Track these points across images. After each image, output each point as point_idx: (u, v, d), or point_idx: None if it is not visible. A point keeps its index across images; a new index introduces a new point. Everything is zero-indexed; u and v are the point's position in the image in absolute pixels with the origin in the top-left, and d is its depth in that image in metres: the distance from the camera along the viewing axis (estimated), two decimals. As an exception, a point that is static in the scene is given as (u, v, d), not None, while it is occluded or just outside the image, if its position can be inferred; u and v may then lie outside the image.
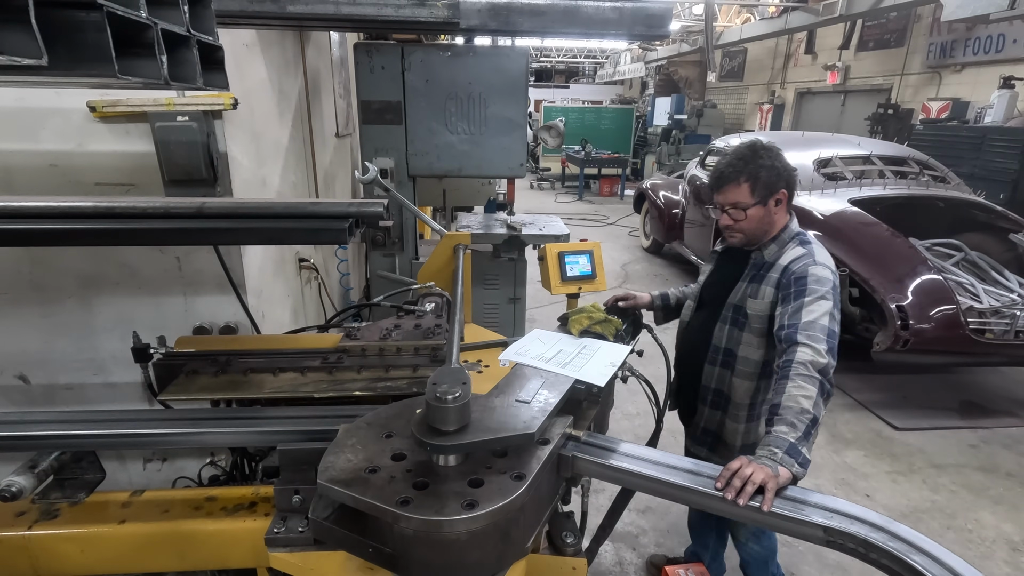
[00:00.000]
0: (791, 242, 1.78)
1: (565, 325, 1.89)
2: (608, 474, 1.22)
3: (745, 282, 1.83)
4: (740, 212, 1.77)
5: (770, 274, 1.76)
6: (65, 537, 1.25)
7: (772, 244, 1.80)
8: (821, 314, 1.57)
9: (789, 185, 1.77)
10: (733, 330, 1.86)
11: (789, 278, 1.68)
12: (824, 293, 1.61)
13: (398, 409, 1.23)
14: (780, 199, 1.76)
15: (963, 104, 9.15)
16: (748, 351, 1.84)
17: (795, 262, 1.71)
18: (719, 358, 1.91)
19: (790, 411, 1.43)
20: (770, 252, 1.79)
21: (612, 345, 1.75)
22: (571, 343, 1.74)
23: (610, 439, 1.27)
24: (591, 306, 1.96)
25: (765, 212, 1.76)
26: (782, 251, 1.77)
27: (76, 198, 1.42)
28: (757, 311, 1.78)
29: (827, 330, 1.55)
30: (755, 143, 1.79)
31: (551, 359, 1.57)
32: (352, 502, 0.98)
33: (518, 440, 1.11)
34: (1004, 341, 3.67)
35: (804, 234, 1.81)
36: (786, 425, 1.40)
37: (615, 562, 2.68)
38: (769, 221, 1.79)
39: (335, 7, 2.37)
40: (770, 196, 1.75)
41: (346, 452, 1.08)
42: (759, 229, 1.80)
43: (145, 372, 1.66)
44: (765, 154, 1.75)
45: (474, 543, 0.99)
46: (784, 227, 1.81)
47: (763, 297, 1.77)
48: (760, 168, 1.74)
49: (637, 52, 18.90)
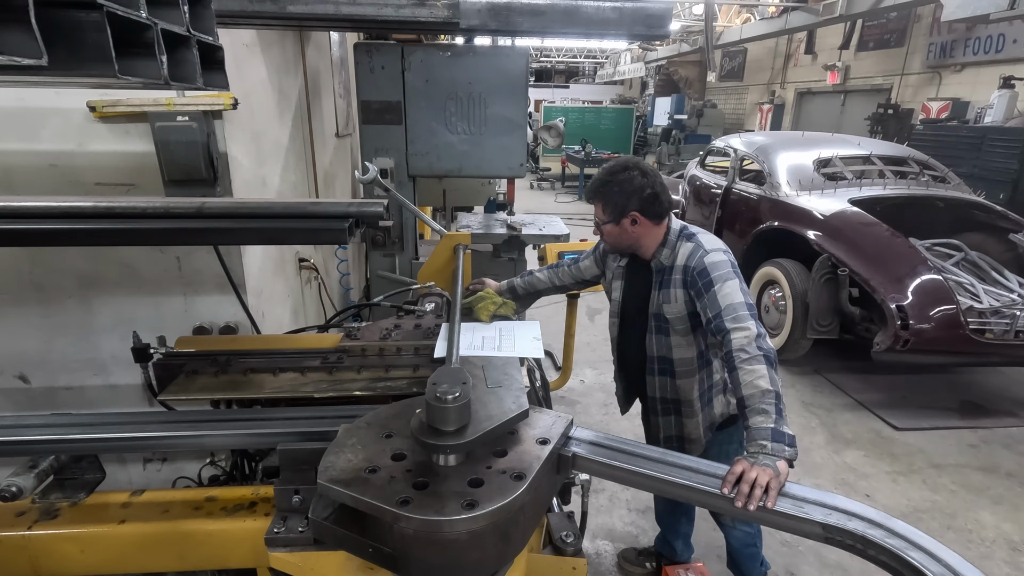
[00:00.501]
0: (679, 241, 1.85)
1: (471, 314, 1.98)
2: (610, 473, 1.23)
3: (656, 290, 1.89)
4: (601, 226, 1.89)
5: (674, 276, 1.83)
6: (65, 537, 1.25)
7: (663, 248, 1.86)
8: (732, 292, 1.67)
9: (645, 207, 1.80)
10: (661, 337, 1.91)
11: (692, 275, 1.76)
12: (725, 274, 1.70)
13: (398, 409, 1.23)
14: (635, 219, 1.81)
15: (963, 104, 9.16)
16: (681, 352, 1.90)
17: (690, 258, 1.78)
18: (656, 367, 1.96)
19: (754, 398, 1.50)
20: (665, 256, 1.86)
21: (522, 323, 1.90)
22: (488, 328, 1.85)
23: (611, 437, 1.28)
24: (485, 292, 2.08)
25: (620, 230, 1.84)
26: (675, 252, 1.84)
27: (76, 198, 1.42)
28: (675, 313, 1.85)
29: (744, 304, 1.64)
30: (626, 162, 1.85)
31: (483, 346, 1.67)
32: (352, 502, 0.98)
33: (517, 420, 1.14)
34: (1004, 341, 3.66)
35: (687, 228, 1.88)
36: (759, 414, 1.47)
37: (615, 562, 2.68)
38: (629, 237, 1.85)
39: (335, 7, 2.37)
40: (622, 216, 1.81)
41: (346, 452, 1.08)
42: (621, 242, 1.89)
43: (145, 372, 1.66)
44: (624, 176, 1.80)
45: (474, 543, 0.98)
46: (667, 231, 1.86)
47: (676, 300, 1.83)
48: (612, 190, 1.81)
49: (637, 52, 18.91)
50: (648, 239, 1.87)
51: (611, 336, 2.16)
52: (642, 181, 1.80)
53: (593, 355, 4.74)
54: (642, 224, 1.83)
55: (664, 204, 1.83)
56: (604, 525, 2.89)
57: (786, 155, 5.19)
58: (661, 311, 1.87)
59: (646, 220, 1.82)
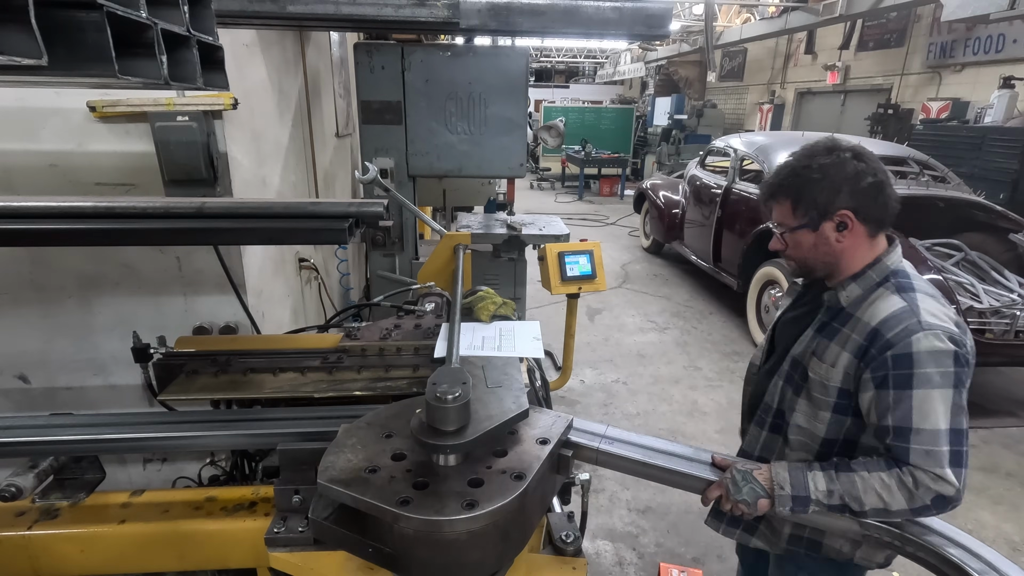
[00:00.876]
0: (882, 286, 1.28)
1: (472, 314, 1.94)
2: (613, 462, 1.26)
3: (813, 330, 1.37)
4: (786, 235, 1.37)
5: (846, 331, 1.28)
6: (65, 537, 1.25)
7: (852, 283, 1.31)
8: (937, 411, 1.15)
9: (863, 205, 1.27)
10: (787, 389, 1.41)
11: (884, 356, 1.19)
12: (939, 380, 1.15)
13: (398, 409, 1.23)
14: (845, 222, 1.28)
15: (963, 104, 9.15)
16: (803, 420, 1.38)
17: (888, 324, 1.21)
18: (768, 419, 1.47)
19: (851, 484, 1.19)
20: (849, 295, 1.31)
21: (522, 323, 1.87)
22: (488, 328, 1.83)
23: (610, 428, 1.32)
24: (485, 291, 2.04)
25: (817, 239, 1.31)
26: (868, 299, 1.28)
27: (76, 198, 1.42)
28: (822, 377, 1.31)
29: (947, 435, 1.15)
30: (828, 142, 1.33)
31: (483, 346, 1.66)
32: (352, 502, 0.98)
33: (517, 420, 1.14)
34: (1004, 341, 3.67)
35: (902, 273, 1.29)
36: (827, 487, 1.20)
37: (615, 562, 2.68)
38: (828, 251, 1.31)
39: (335, 7, 2.37)
40: (823, 218, 1.29)
41: (346, 452, 1.08)
42: (814, 259, 1.35)
43: (145, 372, 1.66)
44: (829, 161, 1.28)
45: (474, 543, 0.99)
46: (875, 260, 1.31)
47: (834, 362, 1.28)
48: (810, 180, 1.28)
49: (637, 52, 18.89)
50: (852, 259, 1.31)
51: (751, 364, 1.66)
52: (858, 166, 1.26)
53: (593, 355, 4.75)
54: (854, 232, 1.28)
55: (889, 209, 1.29)
56: (604, 525, 2.90)
57: (786, 155, 5.18)
58: (805, 361, 1.36)
59: (861, 226, 1.28)
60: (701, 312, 5.99)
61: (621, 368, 4.57)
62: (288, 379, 1.58)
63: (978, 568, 1.06)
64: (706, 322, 5.71)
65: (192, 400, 1.51)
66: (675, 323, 5.67)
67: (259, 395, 1.52)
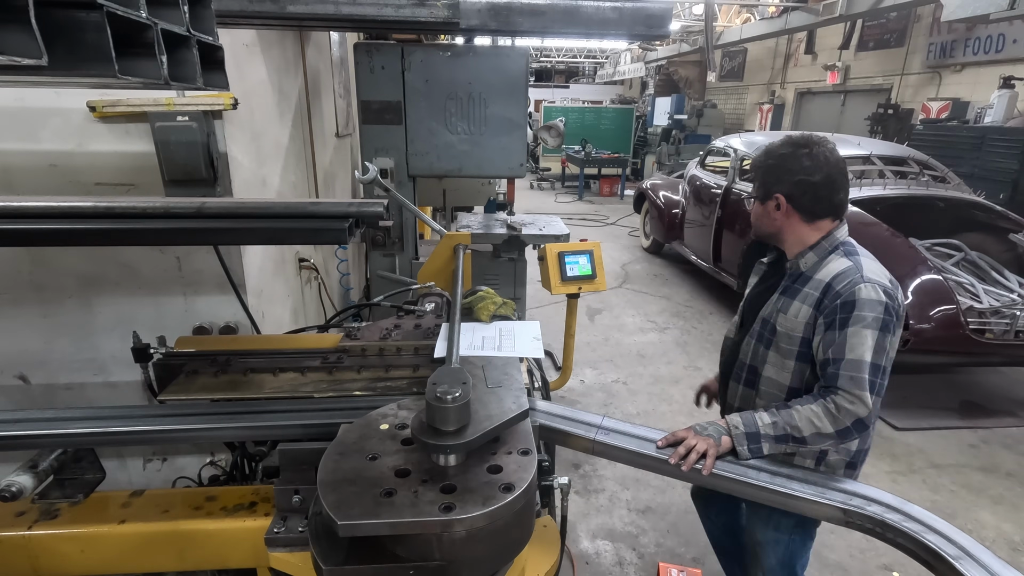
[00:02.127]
0: (833, 253, 1.55)
1: (472, 314, 1.95)
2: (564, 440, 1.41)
3: (778, 294, 1.63)
4: (753, 202, 1.69)
5: (806, 289, 1.54)
6: (65, 537, 1.25)
7: (809, 252, 1.57)
8: (865, 346, 1.41)
9: (793, 194, 1.55)
10: (759, 347, 1.66)
11: (834, 302, 1.46)
12: (871, 321, 1.41)
13: (361, 430, 1.17)
14: (780, 204, 1.57)
15: (963, 104, 9.16)
16: (773, 371, 1.63)
17: (839, 279, 1.48)
18: (743, 375, 1.73)
19: (789, 416, 1.45)
20: (807, 262, 1.58)
21: (522, 323, 1.88)
22: (488, 328, 1.84)
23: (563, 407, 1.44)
24: (485, 291, 2.05)
25: (763, 211, 1.63)
26: (822, 263, 1.55)
27: (76, 198, 1.42)
28: (787, 329, 1.57)
29: (869, 367, 1.41)
30: (800, 139, 1.58)
31: (483, 346, 1.67)
32: (390, 529, 0.94)
33: (517, 420, 1.17)
34: (1004, 341, 3.66)
35: (850, 243, 1.57)
36: (771, 420, 1.45)
37: (615, 562, 2.68)
38: (770, 223, 1.62)
39: (335, 7, 2.37)
40: (767, 197, 1.60)
41: (346, 488, 1.00)
42: (761, 226, 1.67)
43: (145, 372, 1.66)
44: (785, 152, 1.57)
45: (517, 521, 1.03)
46: (825, 235, 1.57)
47: (796, 315, 1.54)
48: (766, 164, 1.61)
49: (637, 52, 18.90)
50: (791, 234, 1.60)
51: (725, 337, 1.92)
52: (805, 165, 1.52)
53: (593, 355, 4.75)
54: (786, 213, 1.57)
55: (823, 203, 1.54)
56: (604, 525, 2.90)
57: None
58: (773, 319, 1.62)
59: (792, 211, 1.56)
60: (701, 312, 5.99)
61: (621, 368, 4.58)
62: (288, 379, 1.58)
63: (953, 553, 1.13)
64: (706, 322, 5.71)
65: (192, 400, 1.51)
66: (675, 323, 5.67)
67: (259, 395, 1.52)
